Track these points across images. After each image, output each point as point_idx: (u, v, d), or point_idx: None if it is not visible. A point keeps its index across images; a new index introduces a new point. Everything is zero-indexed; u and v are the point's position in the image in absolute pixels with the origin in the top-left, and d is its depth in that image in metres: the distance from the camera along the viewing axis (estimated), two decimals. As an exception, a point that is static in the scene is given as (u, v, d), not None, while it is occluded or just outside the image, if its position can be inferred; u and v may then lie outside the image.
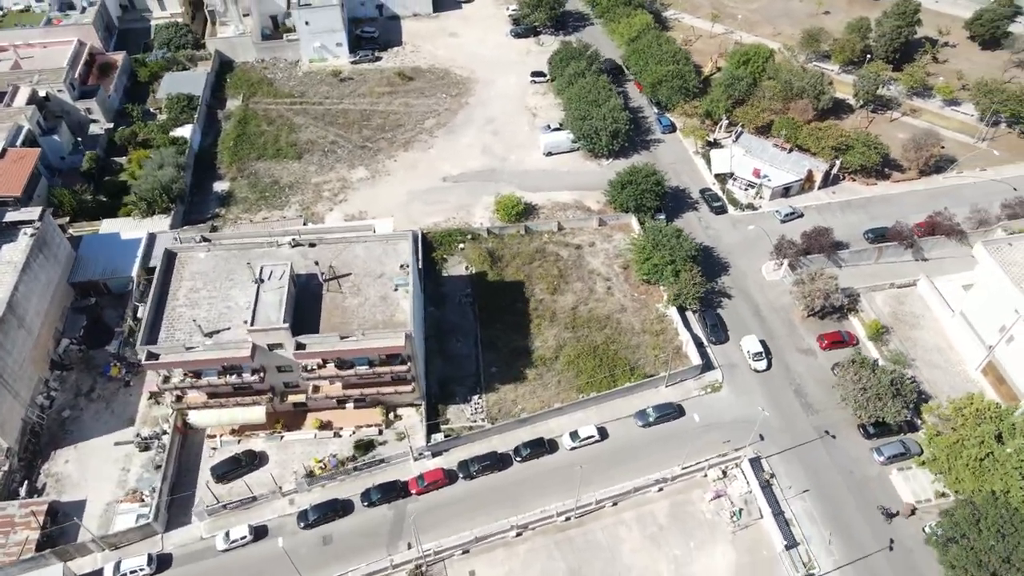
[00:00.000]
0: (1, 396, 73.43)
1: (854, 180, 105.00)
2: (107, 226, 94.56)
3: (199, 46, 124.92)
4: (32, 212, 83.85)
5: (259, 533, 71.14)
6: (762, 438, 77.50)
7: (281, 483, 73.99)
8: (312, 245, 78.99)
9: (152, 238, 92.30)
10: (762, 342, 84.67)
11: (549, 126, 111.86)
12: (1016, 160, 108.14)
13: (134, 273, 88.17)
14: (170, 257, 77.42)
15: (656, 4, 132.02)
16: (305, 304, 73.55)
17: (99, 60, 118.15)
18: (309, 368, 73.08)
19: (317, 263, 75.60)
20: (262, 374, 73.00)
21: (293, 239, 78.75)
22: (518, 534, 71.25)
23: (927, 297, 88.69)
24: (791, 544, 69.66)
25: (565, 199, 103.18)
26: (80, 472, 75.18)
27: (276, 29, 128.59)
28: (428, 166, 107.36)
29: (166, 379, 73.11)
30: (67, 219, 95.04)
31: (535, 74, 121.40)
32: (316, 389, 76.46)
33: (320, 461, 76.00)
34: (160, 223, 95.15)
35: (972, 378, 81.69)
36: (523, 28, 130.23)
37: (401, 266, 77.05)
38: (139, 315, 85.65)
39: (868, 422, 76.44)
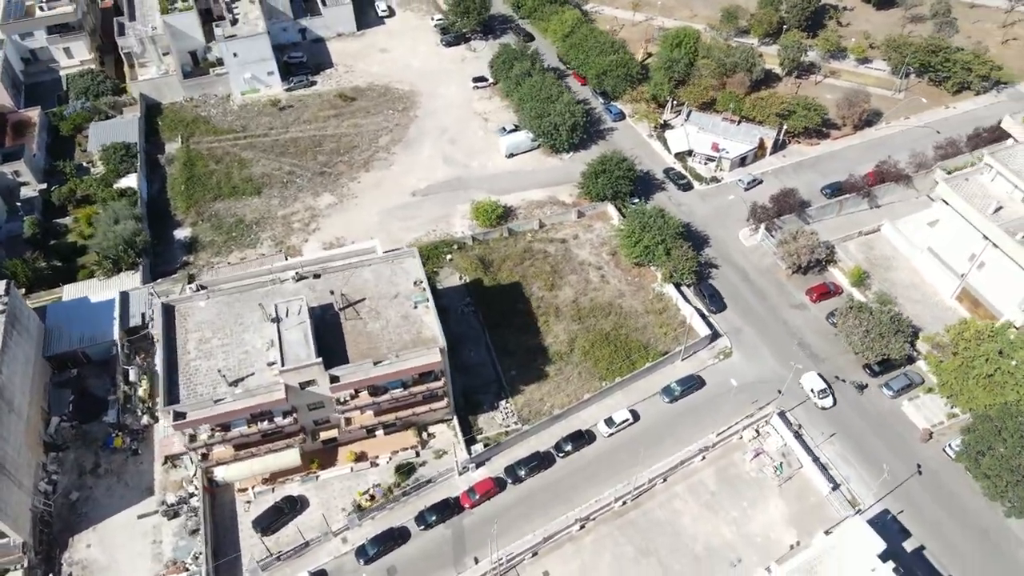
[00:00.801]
0: (7, 488, 67.42)
1: (799, 142, 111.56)
2: (70, 292, 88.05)
3: (120, 91, 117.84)
4: (-8, 287, 77.30)
5: (321, 578, 68.76)
6: (780, 393, 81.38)
7: (331, 523, 71.50)
8: (317, 276, 76.62)
9: (125, 297, 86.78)
10: (821, 377, 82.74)
11: (505, 129, 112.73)
12: (933, 106, 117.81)
13: (116, 336, 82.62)
14: (168, 311, 73.27)
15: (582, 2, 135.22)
16: (326, 336, 71.17)
17: (12, 119, 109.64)
18: (343, 400, 71.03)
19: (332, 292, 73.51)
20: (295, 415, 70.28)
21: (297, 273, 76.14)
22: (581, 527, 71.85)
23: (893, 239, 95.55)
24: (835, 486, 73.63)
25: (538, 197, 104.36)
26: (107, 554, 69.94)
27: (197, 65, 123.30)
28: (394, 183, 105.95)
29: (192, 437, 69.19)
30: (22, 290, 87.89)
31: (477, 80, 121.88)
32: (349, 421, 74.31)
33: (364, 493, 73.98)
34: (129, 280, 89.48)
35: (949, 307, 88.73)
36: (453, 36, 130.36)
37: (415, 283, 75.97)
38: (131, 379, 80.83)
39: (874, 361, 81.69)
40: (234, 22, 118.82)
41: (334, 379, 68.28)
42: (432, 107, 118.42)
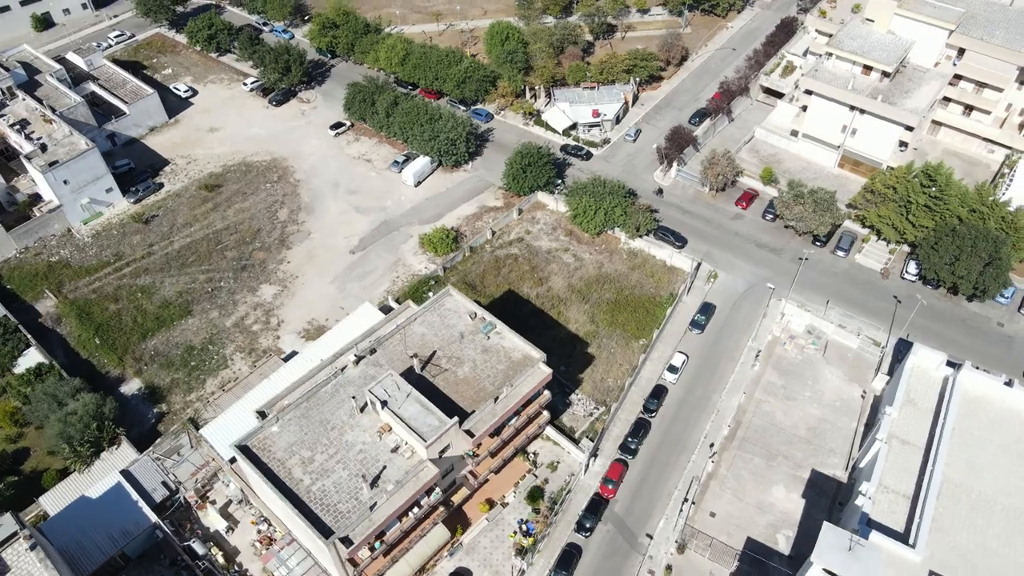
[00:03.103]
0: None
1: (644, 90, 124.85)
2: (53, 501, 72.04)
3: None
4: None
5: (533, 628, 66.37)
6: (772, 288, 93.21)
7: None
8: (373, 351, 71.86)
9: (130, 476, 73.20)
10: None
11: (397, 161, 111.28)
12: (717, 31, 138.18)
13: (153, 518, 69.80)
14: (247, 451, 64.37)
15: (374, 25, 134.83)
16: (431, 399, 67.65)
17: None
18: (475, 453, 68.36)
19: (414, 355, 69.65)
20: (437, 487, 66.24)
21: (356, 356, 70.68)
22: (711, 457, 77.13)
23: (768, 139, 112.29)
24: (861, 335, 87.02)
25: (469, 211, 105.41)
26: None
27: (3, 211, 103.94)
28: (324, 250, 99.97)
29: (353, 563, 62.22)
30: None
31: (334, 127, 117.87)
32: (474, 475, 71.50)
33: (515, 535, 72.10)
34: (116, 458, 75.42)
35: (835, 174, 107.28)
36: (280, 94, 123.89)
37: (471, 316, 74.70)
38: (201, 553, 69.37)
39: (822, 234, 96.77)
40: (43, 148, 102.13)
41: (470, 433, 65.71)
42: (306, 167, 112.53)
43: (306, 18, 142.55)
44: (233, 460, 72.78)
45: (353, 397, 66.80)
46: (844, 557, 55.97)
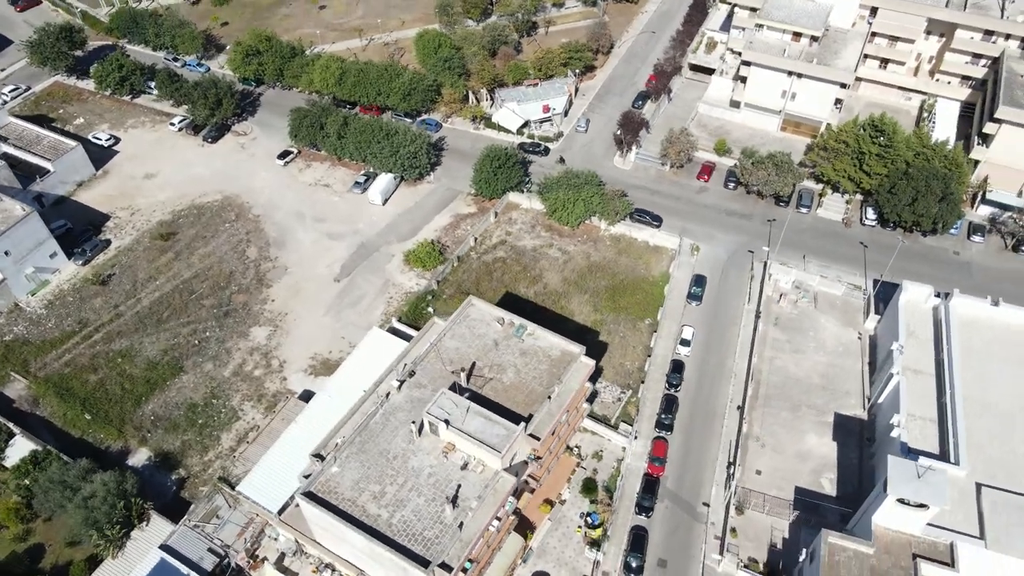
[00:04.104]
0: None
1: (582, 81, 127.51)
2: (91, 592, 66.56)
3: None
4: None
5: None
6: (751, 252, 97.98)
7: (592, 571, 69.53)
8: (412, 374, 70.41)
9: (172, 551, 68.47)
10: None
11: (358, 182, 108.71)
12: (632, 16, 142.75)
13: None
14: (312, 497, 61.78)
15: (298, 48, 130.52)
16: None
17: None
18: (537, 456, 68.35)
19: (462, 369, 68.72)
20: (510, 496, 65.88)
21: (398, 380, 69.02)
22: (738, 407, 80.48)
23: (711, 112, 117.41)
24: (844, 283, 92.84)
25: (445, 221, 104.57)
26: None
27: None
28: (307, 282, 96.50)
29: (448, 586, 61.01)
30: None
31: (282, 155, 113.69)
32: (535, 477, 71.48)
33: (582, 529, 72.75)
34: (150, 534, 70.33)
35: (779, 137, 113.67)
36: (215, 130, 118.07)
37: (499, 321, 74.55)
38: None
39: (786, 195, 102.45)
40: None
41: (534, 436, 65.74)
42: (263, 201, 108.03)
43: (220, 49, 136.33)
44: (281, 511, 69.66)
45: (415, 422, 65.23)
46: (916, 485, 60.10)
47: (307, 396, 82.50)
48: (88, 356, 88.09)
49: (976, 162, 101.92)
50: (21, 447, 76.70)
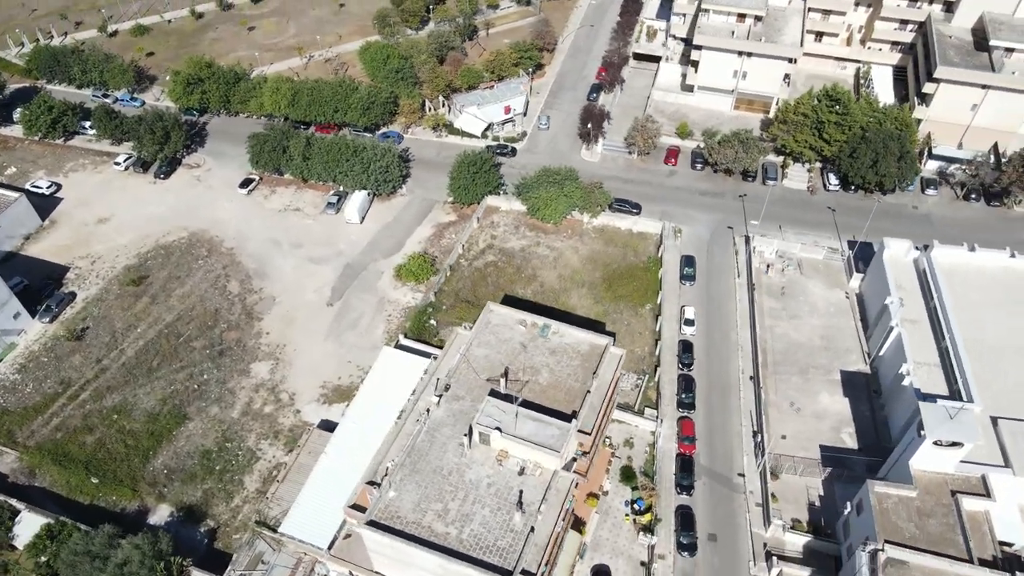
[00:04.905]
0: None
1: (534, 78, 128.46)
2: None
3: None
4: None
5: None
6: (731, 228, 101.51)
7: (650, 557, 70.61)
8: (447, 388, 69.49)
9: (220, 603, 65.51)
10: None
11: (331, 203, 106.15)
12: (568, 10, 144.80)
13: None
14: (376, 525, 60.22)
15: (241, 72, 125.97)
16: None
17: None
18: (585, 452, 68.77)
19: (503, 375, 68.34)
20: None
21: (438, 395, 68.06)
22: (751, 377, 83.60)
23: (666, 98, 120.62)
24: (822, 247, 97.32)
25: (428, 232, 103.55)
26: None
27: None
28: (299, 310, 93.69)
29: (525, 593, 60.68)
30: None
31: (244, 184, 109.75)
32: (581, 472, 71.72)
33: (629, 516, 73.81)
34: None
35: (734, 116, 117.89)
36: (166, 165, 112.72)
37: (522, 324, 74.58)
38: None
39: (751, 169, 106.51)
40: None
41: (584, 432, 66.19)
42: (232, 233, 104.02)
43: (152, 81, 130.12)
44: (331, 546, 67.63)
45: (467, 434, 64.56)
46: (950, 426, 63.93)
47: (327, 426, 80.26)
48: (79, 417, 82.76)
49: (919, 121, 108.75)
50: (30, 523, 71.36)
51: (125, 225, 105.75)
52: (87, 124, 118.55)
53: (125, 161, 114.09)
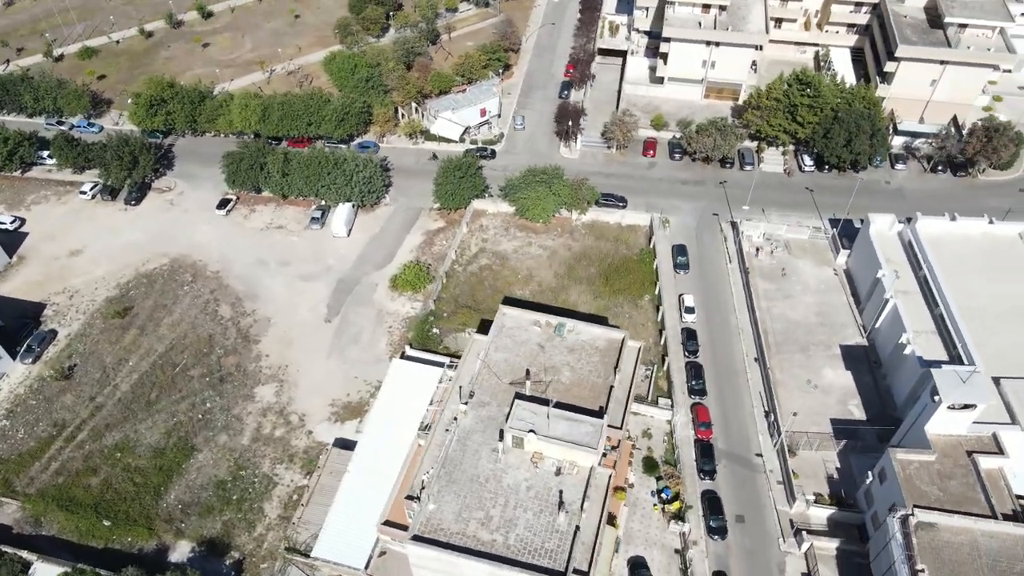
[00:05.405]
0: None
1: (504, 79, 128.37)
2: None
3: None
4: None
5: None
6: (716, 215, 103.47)
7: (684, 546, 71.49)
8: (472, 395, 69.06)
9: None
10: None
11: (315, 218, 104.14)
12: (519, 13, 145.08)
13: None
14: (421, 539, 59.51)
15: (205, 91, 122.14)
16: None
17: None
18: (613, 446, 69.22)
19: (529, 379, 68.17)
20: (603, 491, 66.53)
21: (464, 402, 67.55)
22: (756, 359, 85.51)
23: (637, 91, 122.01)
24: (806, 227, 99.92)
25: (417, 240, 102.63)
26: None
27: None
28: (297, 330, 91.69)
29: (576, 592, 60.70)
30: None
31: (222, 205, 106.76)
32: (610, 467, 72.29)
33: (658, 506, 74.62)
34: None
35: (704, 104, 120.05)
36: (136, 190, 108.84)
37: (536, 324, 74.66)
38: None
39: (729, 156, 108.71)
40: None
41: (615, 427, 66.66)
42: (216, 256, 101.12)
43: (108, 105, 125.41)
44: (367, 565, 66.59)
45: (502, 439, 64.27)
46: (964, 389, 66.50)
47: (343, 444, 78.94)
48: (80, 458, 79.38)
49: (882, 99, 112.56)
50: (45, 575, 68.18)
51: (100, 256, 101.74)
52: (45, 154, 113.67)
53: (92, 189, 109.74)
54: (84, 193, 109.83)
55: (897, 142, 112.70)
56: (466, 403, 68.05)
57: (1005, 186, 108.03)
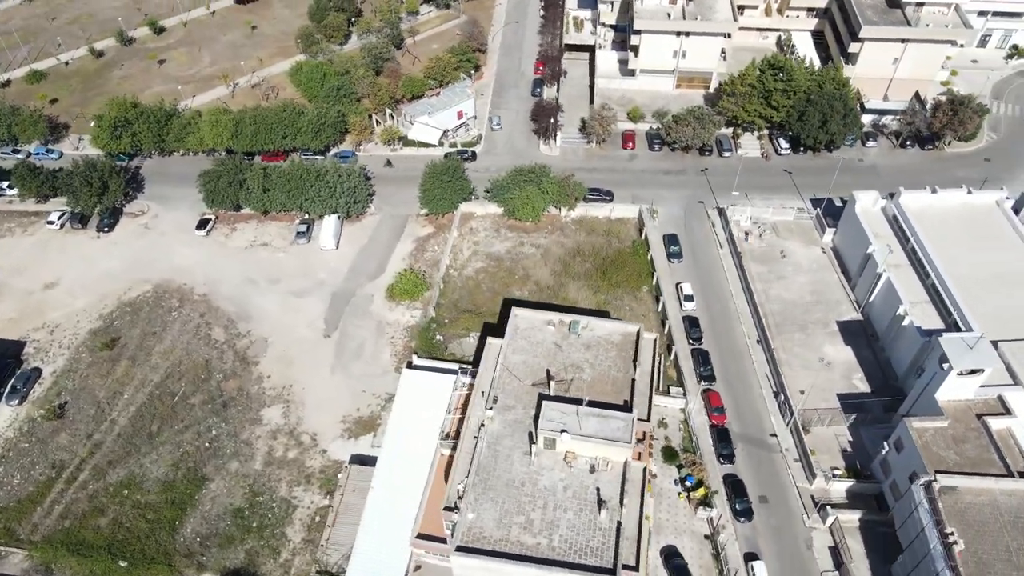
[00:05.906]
0: None
1: (475, 80, 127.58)
2: None
3: None
4: None
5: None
6: (702, 203, 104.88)
7: (716, 529, 72.42)
8: (496, 400, 68.60)
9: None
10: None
11: (300, 232, 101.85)
12: (481, 13, 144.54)
13: None
14: (465, 549, 58.84)
15: (170, 109, 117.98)
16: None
17: None
18: (640, 439, 69.52)
19: (555, 379, 67.94)
20: (635, 484, 66.80)
21: (489, 408, 66.99)
22: (758, 341, 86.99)
23: (610, 85, 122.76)
24: (791, 208, 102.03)
25: (407, 248, 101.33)
26: None
27: None
28: (297, 348, 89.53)
29: (622, 587, 60.82)
30: None
31: (201, 225, 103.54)
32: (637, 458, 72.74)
33: (683, 494, 75.37)
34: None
35: (676, 94, 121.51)
36: (108, 216, 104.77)
37: (550, 324, 74.59)
38: None
39: (708, 144, 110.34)
40: None
41: (643, 420, 66.96)
42: (201, 279, 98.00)
43: (65, 129, 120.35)
44: (406, 581, 65.57)
45: (534, 443, 63.93)
46: (972, 355, 68.83)
47: (360, 460, 77.58)
48: (85, 499, 76.11)
49: (848, 79, 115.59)
50: (65, 623, 65.38)
51: (77, 287, 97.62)
52: (4, 185, 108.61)
53: (60, 218, 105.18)
54: (52, 223, 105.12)
55: (866, 120, 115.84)
56: (491, 408, 67.57)
57: (970, 156, 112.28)
